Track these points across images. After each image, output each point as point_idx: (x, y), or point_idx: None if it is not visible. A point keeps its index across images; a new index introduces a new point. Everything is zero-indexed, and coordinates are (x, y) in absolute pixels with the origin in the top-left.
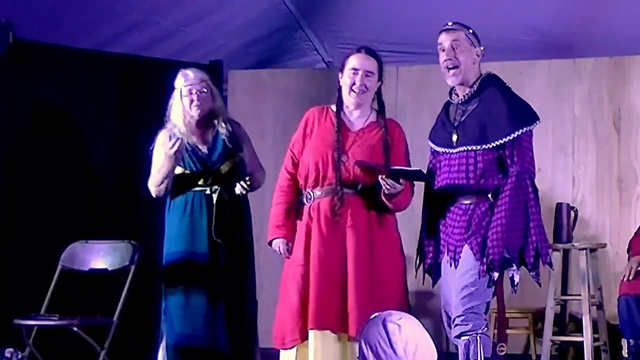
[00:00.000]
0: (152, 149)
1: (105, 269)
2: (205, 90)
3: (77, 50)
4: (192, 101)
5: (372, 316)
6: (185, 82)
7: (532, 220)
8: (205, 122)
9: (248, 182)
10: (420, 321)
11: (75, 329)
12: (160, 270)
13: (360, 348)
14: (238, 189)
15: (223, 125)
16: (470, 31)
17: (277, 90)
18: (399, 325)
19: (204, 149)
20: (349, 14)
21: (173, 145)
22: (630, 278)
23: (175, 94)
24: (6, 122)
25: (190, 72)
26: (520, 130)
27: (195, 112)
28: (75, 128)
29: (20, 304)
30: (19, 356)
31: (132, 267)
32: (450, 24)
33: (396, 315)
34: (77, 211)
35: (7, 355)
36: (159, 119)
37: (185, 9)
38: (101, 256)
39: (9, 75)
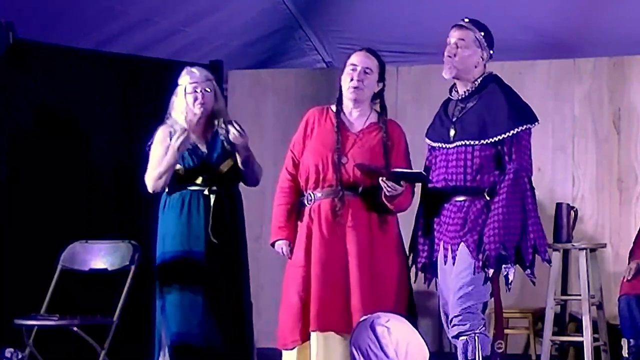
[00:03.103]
0: (151, 144)
1: (105, 269)
2: (210, 89)
3: (77, 50)
4: (196, 99)
5: (360, 320)
6: (190, 80)
7: (530, 218)
8: (206, 122)
9: (239, 127)
10: (418, 321)
11: (75, 329)
12: (155, 270)
13: (351, 353)
14: (232, 132)
15: (223, 126)
16: (482, 34)
17: (277, 90)
18: (387, 328)
19: (203, 147)
20: (349, 14)
21: (179, 137)
22: (629, 278)
23: (179, 90)
24: (6, 122)
25: (196, 70)
26: (521, 127)
27: (198, 110)
28: (75, 128)
29: (20, 304)
30: (19, 356)
31: (132, 267)
32: (466, 20)
33: (384, 318)
34: (77, 211)
35: (7, 355)
36: (158, 119)
37: (185, 9)
38: (101, 256)
39: (9, 75)
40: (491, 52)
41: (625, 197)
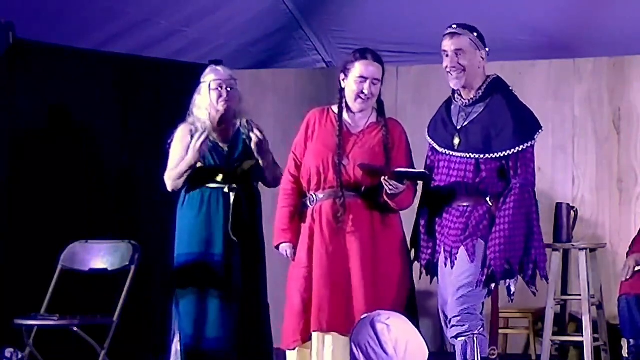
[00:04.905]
0: (170, 142)
1: (105, 269)
2: (233, 88)
3: (77, 50)
4: (220, 96)
5: (361, 317)
6: (215, 77)
7: (534, 234)
8: (228, 120)
9: (260, 132)
10: (418, 321)
11: (75, 329)
12: (171, 271)
13: (351, 350)
14: (254, 137)
15: (245, 125)
16: (475, 35)
17: (277, 90)
18: (387, 325)
19: (224, 146)
20: (349, 14)
21: (200, 137)
22: (628, 277)
23: (202, 88)
24: (6, 122)
25: (220, 68)
26: (526, 144)
27: (222, 107)
28: (75, 128)
29: (20, 304)
30: (19, 356)
31: (132, 267)
32: (454, 27)
33: (384, 315)
34: (77, 211)
35: (7, 355)
36: (158, 119)
37: (185, 9)
38: (101, 256)
39: (9, 75)
40: (487, 49)
41: (625, 197)
